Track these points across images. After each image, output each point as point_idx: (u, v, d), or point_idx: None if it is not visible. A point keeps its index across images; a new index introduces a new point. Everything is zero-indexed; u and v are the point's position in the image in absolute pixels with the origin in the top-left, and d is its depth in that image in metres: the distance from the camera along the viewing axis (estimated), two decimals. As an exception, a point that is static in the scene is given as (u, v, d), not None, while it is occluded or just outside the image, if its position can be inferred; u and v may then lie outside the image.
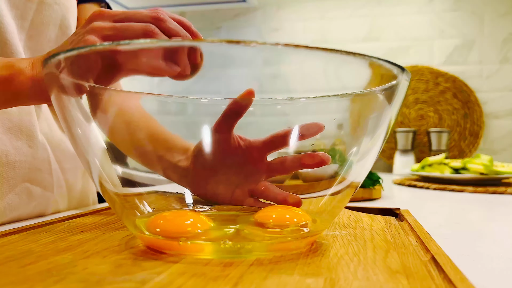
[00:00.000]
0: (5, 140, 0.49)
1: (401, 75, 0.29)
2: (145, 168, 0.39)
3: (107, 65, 0.31)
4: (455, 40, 1.85)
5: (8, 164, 0.49)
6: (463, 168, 1.13)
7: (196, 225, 0.31)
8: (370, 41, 1.94)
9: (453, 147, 1.82)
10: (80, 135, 0.32)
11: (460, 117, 1.83)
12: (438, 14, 1.88)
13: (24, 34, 0.54)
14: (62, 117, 0.31)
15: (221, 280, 0.23)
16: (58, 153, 0.58)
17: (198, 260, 0.27)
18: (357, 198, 0.77)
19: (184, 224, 0.31)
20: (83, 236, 0.35)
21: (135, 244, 0.32)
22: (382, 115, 0.32)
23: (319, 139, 0.38)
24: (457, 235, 0.45)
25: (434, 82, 1.85)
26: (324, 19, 2.00)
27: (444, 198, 0.86)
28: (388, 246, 0.32)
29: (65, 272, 0.25)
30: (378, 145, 0.33)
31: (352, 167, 0.34)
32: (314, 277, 0.24)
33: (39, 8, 0.54)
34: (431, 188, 1.02)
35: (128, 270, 0.25)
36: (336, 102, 0.37)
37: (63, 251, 0.30)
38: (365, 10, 1.95)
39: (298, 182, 0.44)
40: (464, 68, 1.85)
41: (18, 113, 0.51)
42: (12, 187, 0.50)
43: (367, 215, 0.46)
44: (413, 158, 1.67)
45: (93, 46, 0.27)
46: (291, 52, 0.26)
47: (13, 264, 0.27)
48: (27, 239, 0.34)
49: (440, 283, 0.23)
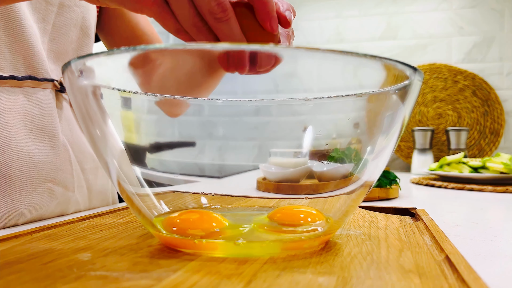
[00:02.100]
0: (28, 142, 0.51)
1: (413, 75, 0.29)
2: (162, 168, 0.39)
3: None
4: (474, 37, 1.82)
5: (31, 164, 0.51)
6: (483, 167, 1.11)
7: (211, 224, 0.32)
8: (386, 40, 1.92)
9: (472, 145, 1.79)
10: (99, 136, 0.33)
11: (479, 115, 1.80)
12: (456, 11, 1.85)
13: (47, 37, 0.55)
14: (80, 118, 0.32)
15: (235, 278, 0.24)
16: (79, 153, 0.59)
17: (213, 258, 0.28)
18: (373, 197, 0.76)
19: (200, 223, 0.32)
20: (102, 234, 0.36)
21: (152, 242, 0.33)
22: (396, 114, 0.32)
23: (335, 138, 0.38)
24: (475, 235, 0.45)
25: (453, 80, 1.82)
26: (340, 18, 1.99)
27: (463, 197, 0.85)
28: (402, 246, 0.32)
29: (85, 269, 0.25)
30: (392, 143, 0.33)
31: (366, 166, 0.34)
32: (327, 276, 0.24)
33: (60, 11, 0.56)
34: (449, 187, 1.00)
35: (145, 268, 0.26)
36: (350, 102, 0.37)
37: (83, 249, 0.31)
38: (381, 8, 1.93)
39: (313, 181, 0.44)
40: (484, 65, 1.81)
41: (40, 115, 0.53)
42: (35, 187, 0.51)
43: (383, 215, 0.46)
44: (432, 157, 1.65)
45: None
46: (304, 55, 0.27)
47: (36, 261, 0.28)
48: (48, 237, 0.35)
49: (453, 283, 0.23)
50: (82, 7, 0.59)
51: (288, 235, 0.32)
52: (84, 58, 0.28)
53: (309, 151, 0.42)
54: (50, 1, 0.54)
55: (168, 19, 0.36)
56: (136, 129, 0.38)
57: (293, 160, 0.43)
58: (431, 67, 1.85)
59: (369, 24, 1.95)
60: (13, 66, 0.51)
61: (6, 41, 0.50)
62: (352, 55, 0.26)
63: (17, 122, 0.50)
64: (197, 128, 0.44)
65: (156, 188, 0.38)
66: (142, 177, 0.36)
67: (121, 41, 0.70)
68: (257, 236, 0.31)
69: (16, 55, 0.51)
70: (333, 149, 0.39)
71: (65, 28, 0.57)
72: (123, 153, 0.34)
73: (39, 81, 0.53)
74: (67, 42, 0.58)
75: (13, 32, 0.50)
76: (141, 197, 0.35)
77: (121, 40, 0.70)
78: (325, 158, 0.40)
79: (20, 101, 0.51)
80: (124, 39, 0.70)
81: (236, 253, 0.29)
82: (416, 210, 0.48)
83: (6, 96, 0.50)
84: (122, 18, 0.69)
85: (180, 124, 0.43)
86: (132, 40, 0.70)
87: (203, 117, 0.44)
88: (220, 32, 0.36)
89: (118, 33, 0.70)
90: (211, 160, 0.46)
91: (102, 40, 0.73)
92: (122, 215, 0.47)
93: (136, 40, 0.70)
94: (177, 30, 0.37)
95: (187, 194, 0.42)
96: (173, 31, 0.37)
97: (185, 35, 0.37)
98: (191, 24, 0.36)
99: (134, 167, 0.35)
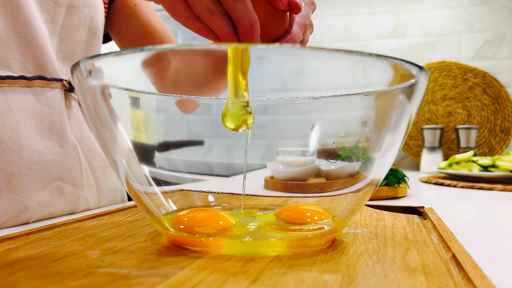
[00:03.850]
0: (38, 141, 0.52)
1: (419, 74, 0.29)
2: (170, 166, 0.40)
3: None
4: (484, 34, 1.80)
5: (41, 163, 0.52)
6: (492, 166, 1.10)
7: (218, 222, 0.32)
8: (395, 37, 1.91)
9: (482, 143, 1.77)
10: (107, 136, 0.33)
11: (490, 113, 1.78)
12: (466, 8, 1.83)
13: (56, 37, 0.56)
14: (89, 117, 0.33)
15: (241, 275, 0.24)
16: (88, 152, 0.60)
17: (220, 256, 0.28)
18: (381, 196, 0.76)
19: (207, 221, 0.32)
20: (111, 232, 0.37)
21: (160, 240, 0.33)
22: (403, 112, 0.32)
23: (343, 136, 0.38)
24: (483, 233, 0.45)
25: (463, 78, 1.81)
26: (348, 15, 1.98)
27: (472, 196, 0.84)
28: (409, 244, 0.32)
29: (94, 266, 0.26)
30: (399, 141, 0.33)
31: (374, 164, 0.34)
32: (332, 274, 0.24)
33: (68, 12, 0.57)
34: (459, 186, 1.00)
35: (153, 265, 0.26)
36: (357, 100, 0.37)
37: (92, 246, 0.31)
38: (390, 5, 1.92)
39: (321, 180, 0.44)
40: (494, 63, 1.80)
41: (49, 114, 0.53)
42: (45, 185, 0.52)
43: (390, 213, 0.46)
44: (441, 156, 1.64)
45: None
46: (310, 55, 0.27)
47: (46, 258, 0.28)
48: (59, 235, 0.36)
49: (459, 281, 0.23)
50: (90, 8, 0.60)
51: (295, 233, 0.32)
52: (93, 59, 0.29)
53: (317, 150, 0.42)
54: (59, 2, 0.55)
55: (179, 5, 0.35)
56: (145, 129, 0.38)
57: (301, 158, 0.43)
58: (441, 65, 1.84)
59: (377, 22, 1.94)
60: (23, 67, 0.51)
61: (16, 42, 0.50)
62: (357, 55, 0.26)
63: (27, 121, 0.51)
64: (205, 127, 0.44)
65: (164, 187, 0.39)
66: (150, 175, 0.36)
67: (134, 40, 0.71)
68: (263, 234, 0.32)
69: (26, 55, 0.52)
70: (340, 147, 0.39)
71: (73, 29, 0.58)
72: (131, 152, 0.34)
73: (48, 81, 0.54)
74: (75, 42, 0.59)
75: (23, 33, 0.51)
76: (149, 196, 0.35)
77: (134, 39, 0.71)
78: (332, 156, 0.40)
79: (30, 100, 0.52)
80: (137, 37, 0.70)
81: (243, 251, 0.29)
82: (424, 208, 0.47)
83: (16, 96, 0.50)
84: (134, 16, 0.70)
85: (188, 123, 0.43)
86: (145, 38, 0.70)
87: (211, 116, 0.44)
88: (236, 12, 0.35)
89: (130, 32, 0.71)
90: (219, 159, 0.46)
91: (114, 40, 0.74)
92: (130, 213, 0.47)
93: (148, 38, 0.70)
94: (187, 17, 0.36)
95: (195, 192, 0.42)
96: (183, 19, 0.36)
97: (195, 22, 0.36)
98: (205, 7, 0.35)
99: (143, 166, 0.36)
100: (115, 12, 0.70)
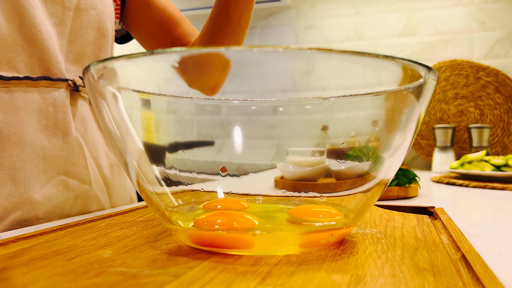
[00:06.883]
0: (41, 137, 0.53)
1: (427, 75, 0.29)
2: (181, 167, 0.40)
3: None
4: (496, 32, 1.78)
5: (44, 157, 0.53)
6: (505, 165, 1.08)
7: (243, 222, 0.32)
8: (406, 36, 1.90)
9: (495, 143, 1.75)
10: (118, 137, 0.34)
11: (503, 112, 1.76)
12: (478, 6, 1.81)
13: (65, 40, 0.57)
14: (101, 120, 0.33)
15: (250, 275, 0.24)
16: (93, 150, 0.61)
17: (229, 256, 0.28)
18: (392, 196, 0.76)
19: (233, 219, 0.32)
20: (123, 232, 0.37)
21: (171, 240, 0.34)
22: (412, 112, 0.32)
23: (353, 136, 0.38)
24: (494, 234, 0.44)
25: (475, 76, 1.79)
26: (358, 15, 1.97)
27: (484, 196, 0.83)
28: (418, 244, 0.32)
29: (106, 266, 0.26)
30: (408, 141, 0.33)
31: (383, 164, 0.34)
32: (341, 274, 0.24)
33: (76, 15, 0.58)
34: (471, 186, 0.99)
35: (163, 264, 0.27)
36: (367, 100, 0.37)
37: (104, 246, 0.32)
38: (401, 4, 1.91)
39: (331, 180, 0.44)
40: (507, 61, 1.77)
41: (54, 112, 0.55)
42: (49, 179, 0.54)
43: (400, 213, 0.46)
44: (453, 155, 1.62)
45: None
46: (318, 57, 0.27)
47: (60, 257, 0.29)
48: (72, 235, 0.36)
49: (468, 281, 0.23)
50: (98, 10, 0.61)
51: (305, 229, 0.32)
52: (104, 62, 0.29)
53: (327, 150, 0.42)
54: (67, 6, 0.57)
55: None
56: (155, 129, 0.39)
57: (311, 158, 0.43)
58: (452, 63, 1.82)
59: (388, 21, 1.93)
60: (29, 68, 0.53)
61: (22, 45, 0.52)
62: (365, 56, 0.26)
63: (32, 119, 0.53)
64: (215, 128, 0.45)
65: (174, 187, 0.39)
66: (161, 176, 0.37)
67: (153, 28, 0.73)
68: (276, 227, 0.32)
69: (32, 57, 0.53)
70: (350, 147, 0.39)
71: (82, 31, 0.59)
72: (142, 153, 0.34)
73: (53, 82, 0.55)
74: (85, 43, 0.60)
75: (29, 36, 0.53)
76: (159, 196, 0.36)
77: (153, 27, 0.73)
78: (342, 156, 0.40)
79: (35, 100, 0.53)
80: (155, 25, 0.72)
81: (259, 246, 0.29)
82: (434, 208, 0.47)
83: (21, 95, 0.52)
84: (148, 6, 0.72)
85: (199, 124, 0.43)
86: (162, 24, 0.73)
87: (221, 116, 0.44)
88: None
89: (147, 22, 0.73)
90: (229, 159, 0.46)
91: (135, 37, 0.76)
92: (142, 213, 0.48)
93: (166, 24, 0.73)
94: None
95: (204, 192, 0.43)
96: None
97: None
98: None
99: (153, 167, 0.36)
100: (129, 8, 0.72)
